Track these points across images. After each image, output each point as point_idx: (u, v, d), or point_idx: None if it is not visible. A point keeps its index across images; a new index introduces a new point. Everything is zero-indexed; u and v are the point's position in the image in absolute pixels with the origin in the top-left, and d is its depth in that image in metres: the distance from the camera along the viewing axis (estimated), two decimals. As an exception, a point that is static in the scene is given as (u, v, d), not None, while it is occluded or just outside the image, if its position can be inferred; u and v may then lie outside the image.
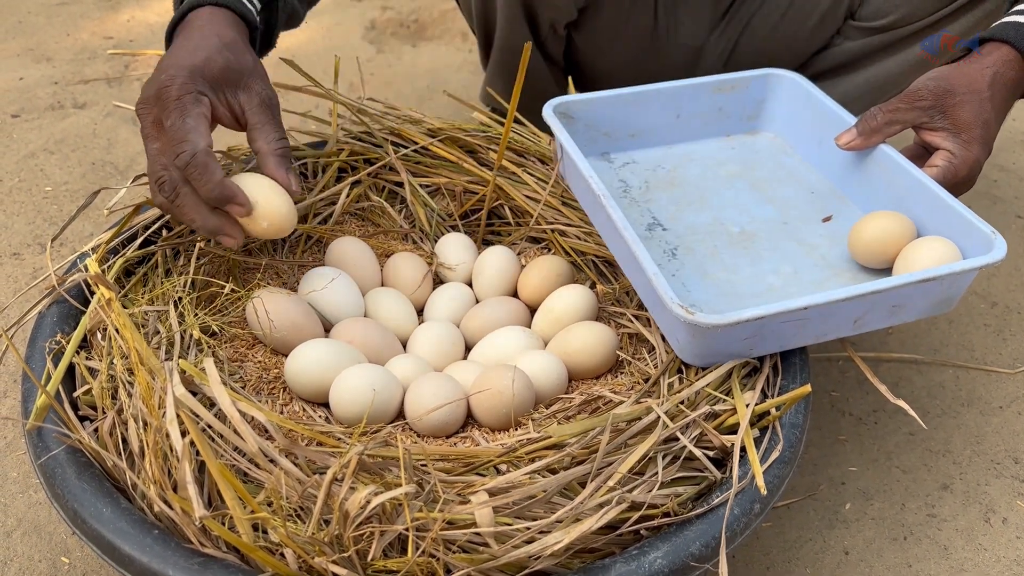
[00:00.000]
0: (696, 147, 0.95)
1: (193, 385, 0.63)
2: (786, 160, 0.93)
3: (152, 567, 0.55)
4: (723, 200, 0.88)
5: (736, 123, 0.96)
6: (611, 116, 0.91)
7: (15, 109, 1.42)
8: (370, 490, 0.52)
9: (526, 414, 0.72)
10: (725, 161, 0.93)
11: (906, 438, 0.94)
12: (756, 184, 0.90)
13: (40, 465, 0.62)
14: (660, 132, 0.93)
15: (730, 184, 0.90)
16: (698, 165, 0.92)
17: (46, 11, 1.75)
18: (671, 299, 0.65)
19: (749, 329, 0.66)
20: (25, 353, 0.70)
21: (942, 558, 0.82)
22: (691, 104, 0.93)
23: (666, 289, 0.66)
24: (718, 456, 0.65)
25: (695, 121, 0.94)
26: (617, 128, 0.92)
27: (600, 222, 0.81)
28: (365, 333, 0.78)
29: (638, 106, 0.91)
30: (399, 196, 0.95)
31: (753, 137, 0.96)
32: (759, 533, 0.83)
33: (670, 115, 0.93)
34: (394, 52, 1.68)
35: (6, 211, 1.18)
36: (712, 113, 0.94)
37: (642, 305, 0.84)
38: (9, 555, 0.77)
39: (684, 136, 0.94)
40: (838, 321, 0.70)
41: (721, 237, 0.83)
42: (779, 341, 0.70)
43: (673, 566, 0.57)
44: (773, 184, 0.90)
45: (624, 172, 0.91)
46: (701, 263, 0.80)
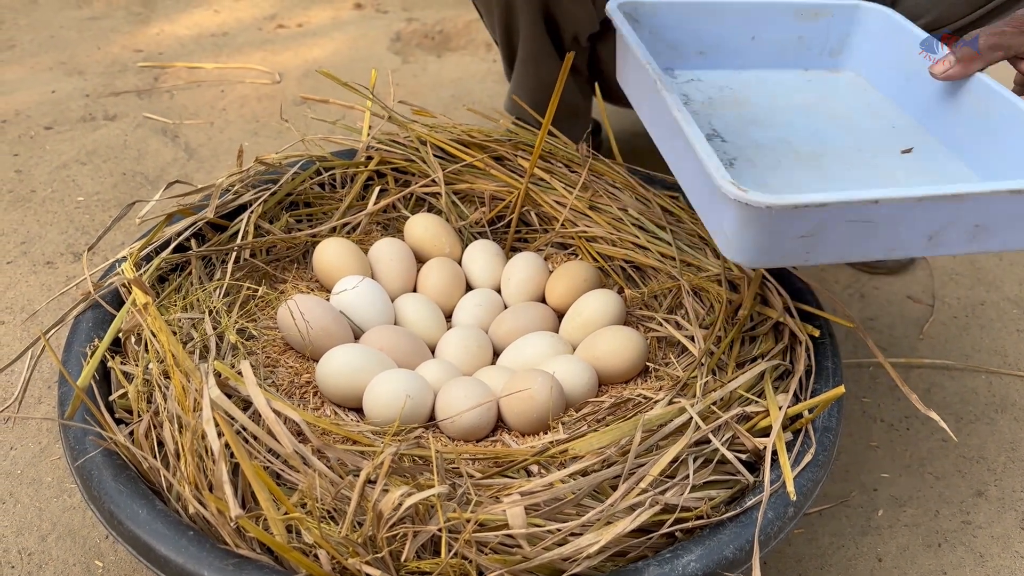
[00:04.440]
0: (769, 75, 0.88)
1: (227, 387, 0.63)
2: (868, 97, 0.87)
3: (187, 568, 0.55)
4: (792, 123, 0.80)
5: (816, 57, 0.89)
6: (681, 26, 0.84)
7: (48, 121, 1.44)
8: (403, 491, 0.53)
9: (556, 418, 0.72)
10: (800, 90, 0.86)
11: (939, 444, 0.93)
12: (833, 115, 0.83)
13: (77, 467, 0.63)
14: (732, 53, 0.86)
15: (802, 112, 0.83)
16: (768, 92, 0.85)
17: (78, 25, 1.78)
18: (721, 175, 0.58)
19: (809, 222, 0.58)
20: (61, 357, 0.71)
21: (978, 565, 0.81)
22: (769, 27, 0.86)
23: (715, 164, 0.59)
24: (750, 459, 0.65)
25: (771, 47, 0.87)
26: (685, 41, 0.85)
27: (652, 115, 0.74)
28: (395, 340, 0.79)
29: (711, 19, 0.84)
30: (426, 203, 0.96)
31: (834, 75, 0.90)
32: (791, 539, 0.82)
33: (745, 36, 0.86)
34: (419, 63, 1.69)
35: (40, 221, 1.20)
36: (791, 41, 0.88)
37: (672, 308, 0.84)
38: (44, 559, 0.78)
39: (757, 62, 0.88)
40: (911, 232, 0.61)
41: (787, 155, 0.75)
42: (840, 248, 0.61)
43: (707, 570, 0.57)
44: (851, 116, 0.83)
45: (687, 88, 0.84)
46: (761, 176, 0.72)
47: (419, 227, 0.90)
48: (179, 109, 1.49)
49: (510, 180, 0.93)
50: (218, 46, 1.72)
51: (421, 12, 1.86)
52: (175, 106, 1.50)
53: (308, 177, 0.91)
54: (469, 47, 1.75)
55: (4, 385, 0.95)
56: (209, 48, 1.71)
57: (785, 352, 0.74)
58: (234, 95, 1.55)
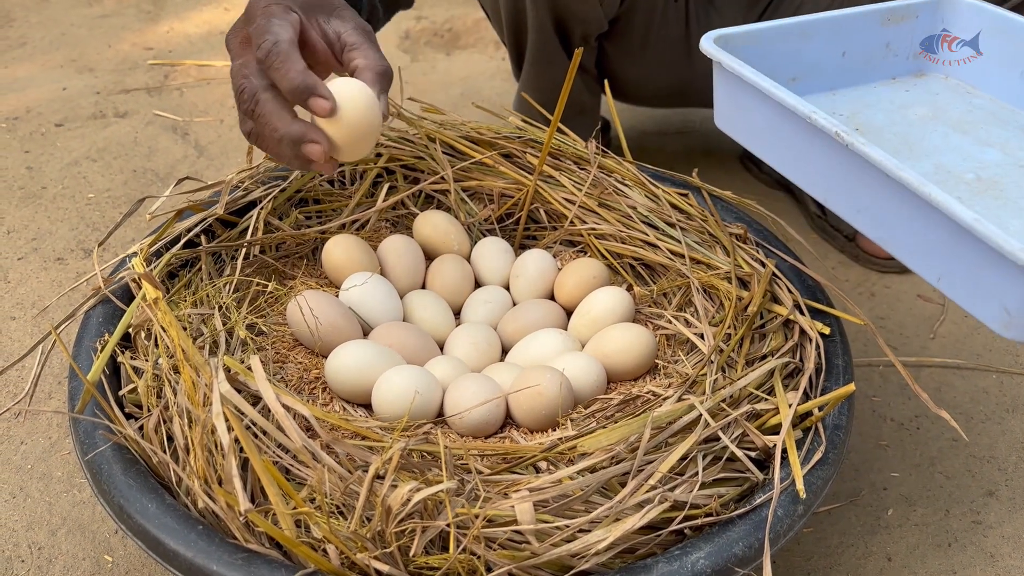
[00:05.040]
0: (864, 92, 0.82)
1: (237, 383, 0.63)
2: (976, 100, 0.81)
3: (196, 562, 0.55)
4: (933, 146, 0.74)
5: (902, 63, 0.84)
6: (775, 52, 0.77)
7: (59, 118, 1.45)
8: (412, 486, 0.53)
9: (564, 415, 0.72)
10: (907, 104, 0.80)
11: (949, 444, 0.93)
12: (958, 127, 0.77)
13: (87, 462, 0.63)
14: (824, 74, 0.81)
15: (930, 129, 0.77)
16: (878, 110, 0.79)
17: (88, 23, 1.79)
18: (1013, 244, 0.50)
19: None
20: (71, 352, 0.71)
21: (988, 565, 0.81)
22: (858, 39, 0.81)
23: (998, 234, 0.51)
24: (759, 457, 0.65)
25: (859, 61, 0.82)
26: (778, 69, 0.76)
27: (820, 171, 0.67)
28: (404, 336, 0.79)
29: (804, 39, 0.78)
30: (435, 200, 0.96)
31: (922, 79, 0.84)
32: (800, 538, 0.82)
33: (835, 52, 0.80)
34: (428, 61, 1.69)
35: (51, 217, 1.20)
36: (878, 50, 0.82)
37: (682, 306, 0.83)
38: (54, 553, 0.78)
39: (849, 80, 0.82)
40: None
41: (958, 188, 0.68)
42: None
43: (716, 567, 0.57)
44: (978, 126, 0.77)
45: None
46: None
47: (428, 224, 0.90)
48: (189, 106, 1.50)
49: (519, 177, 0.92)
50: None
51: (430, 10, 1.86)
52: (185, 103, 1.51)
53: (317, 174, 0.91)
54: (478, 45, 1.75)
55: (16, 380, 0.95)
56: (219, 46, 1.71)
57: (795, 350, 0.74)
58: (244, 93, 1.55)
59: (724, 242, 0.84)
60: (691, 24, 1.11)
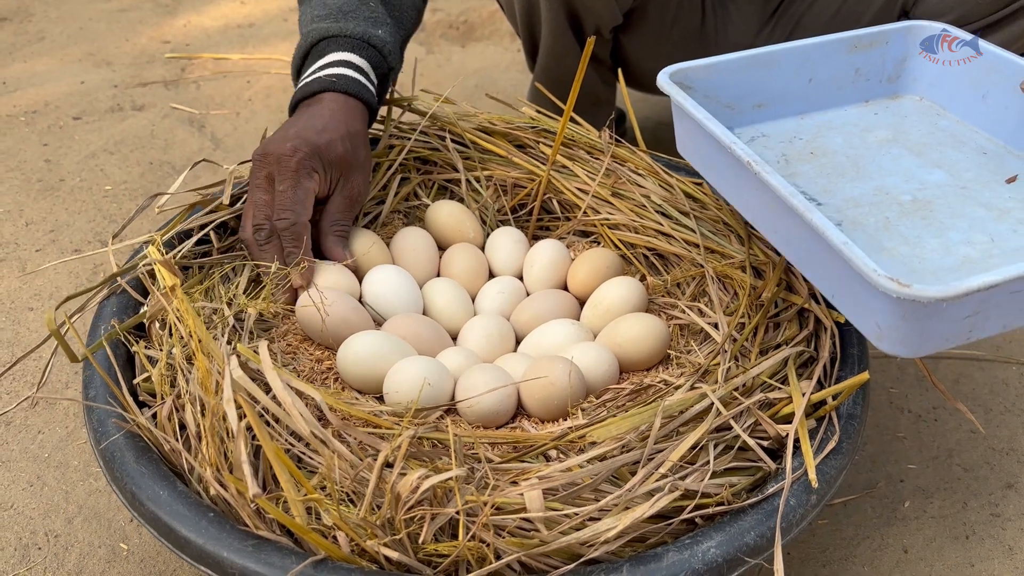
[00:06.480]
0: (832, 116, 0.85)
1: (250, 371, 0.64)
2: (942, 122, 0.83)
3: (207, 548, 0.55)
4: (881, 167, 0.77)
5: (875, 86, 0.86)
6: (735, 83, 0.80)
7: (77, 111, 1.46)
8: (421, 473, 0.53)
9: (576, 405, 0.72)
10: (871, 127, 0.83)
11: (968, 436, 0.91)
12: (915, 149, 0.80)
13: (101, 450, 0.63)
14: (790, 100, 0.83)
15: (884, 151, 0.80)
16: (840, 134, 0.82)
17: (106, 17, 1.80)
18: (875, 271, 0.54)
19: (973, 303, 0.55)
20: (86, 341, 0.71)
21: (1006, 558, 0.80)
22: (824, 65, 0.83)
23: (865, 260, 0.55)
24: (772, 446, 0.64)
25: (829, 86, 0.84)
26: (742, 97, 0.81)
27: (746, 197, 0.71)
28: (416, 327, 0.78)
29: (767, 69, 0.81)
30: (448, 191, 0.96)
31: (896, 101, 0.86)
32: (815, 530, 0.81)
33: (802, 80, 0.82)
34: (443, 53, 1.69)
35: (68, 209, 1.21)
36: (847, 76, 0.84)
37: (695, 296, 0.83)
38: (71, 540, 0.79)
39: (817, 104, 0.85)
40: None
41: (890, 208, 0.72)
42: (1003, 318, 0.58)
43: (727, 556, 0.56)
44: (934, 148, 0.80)
45: (755, 147, 0.81)
46: (875, 237, 0.69)
47: (442, 213, 0.90)
48: (205, 99, 1.51)
49: (533, 167, 0.92)
50: (244, 37, 1.73)
51: (445, 2, 1.86)
52: (201, 96, 1.52)
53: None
54: (493, 37, 1.74)
55: (34, 371, 0.96)
56: (235, 39, 1.72)
57: (810, 339, 0.73)
58: (260, 86, 1.55)
59: (739, 231, 0.83)
60: (707, 15, 1.10)
